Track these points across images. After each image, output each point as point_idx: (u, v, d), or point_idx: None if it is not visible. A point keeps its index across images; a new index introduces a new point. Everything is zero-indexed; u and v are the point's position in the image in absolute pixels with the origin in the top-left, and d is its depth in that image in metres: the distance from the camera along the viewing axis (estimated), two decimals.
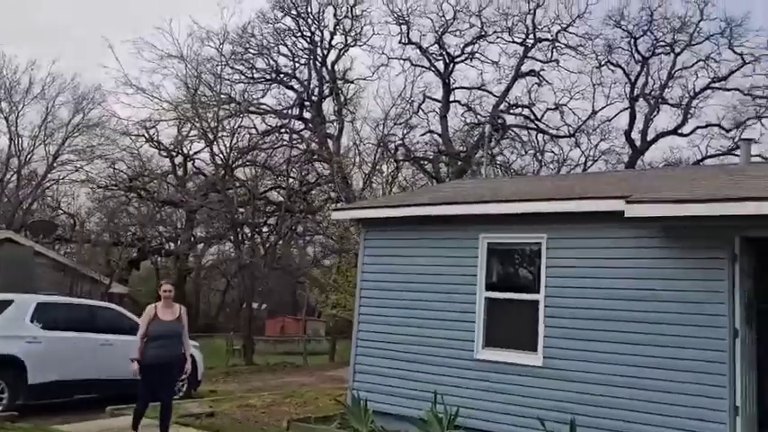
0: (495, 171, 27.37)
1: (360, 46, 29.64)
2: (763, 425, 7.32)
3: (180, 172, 32.36)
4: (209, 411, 9.66)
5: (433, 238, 8.63)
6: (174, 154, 31.49)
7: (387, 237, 9.10)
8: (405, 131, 27.95)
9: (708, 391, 6.46)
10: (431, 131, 29.13)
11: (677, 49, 26.67)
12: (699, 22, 26.33)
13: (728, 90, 26.52)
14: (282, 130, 29.20)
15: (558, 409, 7.10)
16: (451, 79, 28.76)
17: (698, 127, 27.37)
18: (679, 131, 27.36)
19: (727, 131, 26.32)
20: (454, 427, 7.50)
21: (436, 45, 28.71)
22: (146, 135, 29.42)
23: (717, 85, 26.64)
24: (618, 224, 7.07)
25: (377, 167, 25.41)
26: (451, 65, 28.63)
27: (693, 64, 26.83)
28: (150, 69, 30.09)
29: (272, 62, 29.83)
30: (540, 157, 28.82)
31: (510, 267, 8.49)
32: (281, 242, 28.87)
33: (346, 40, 29.32)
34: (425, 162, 28.68)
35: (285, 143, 28.37)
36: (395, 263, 8.90)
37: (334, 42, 29.59)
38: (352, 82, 29.39)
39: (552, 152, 29.51)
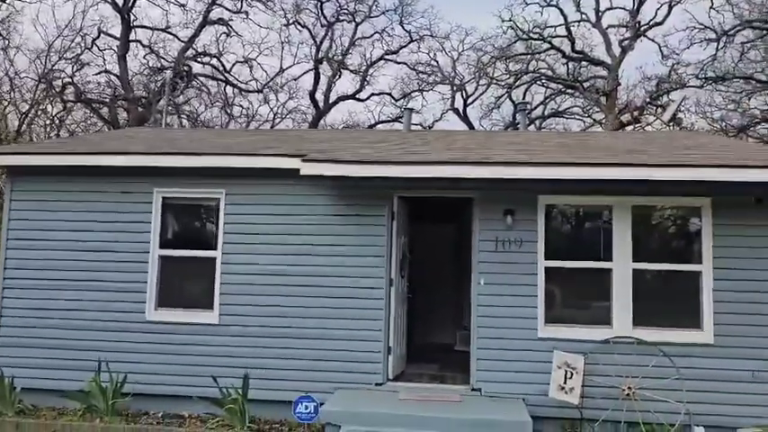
0: (181, 121, 26.17)
1: None
2: (410, 359, 8.62)
3: None
4: None
5: (100, 191, 7.84)
6: None
7: (41, 188, 7.94)
8: (75, 68, 24.88)
9: (369, 336, 7.34)
10: (107, 71, 26.37)
11: (358, 19, 29.15)
12: None
13: (398, 63, 30.12)
14: None
15: (234, 365, 7.28)
16: (132, 16, 26.19)
17: (373, 94, 30.50)
18: (357, 96, 30.04)
19: (396, 100, 29.96)
20: (121, 395, 7.14)
21: None
22: None
23: (389, 57, 29.94)
24: (295, 181, 7.40)
25: (39, 107, 22.02)
26: (132, 0, 26.05)
27: (371, 35, 29.68)
28: None
29: None
30: (228, 111, 28.47)
31: (187, 224, 8.23)
32: None
33: None
34: (100, 105, 25.80)
35: None
36: (54, 218, 7.86)
37: None
38: (3, 1, 24.48)
39: (241, 106, 29.46)
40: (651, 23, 27.16)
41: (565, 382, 6.74)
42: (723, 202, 7.03)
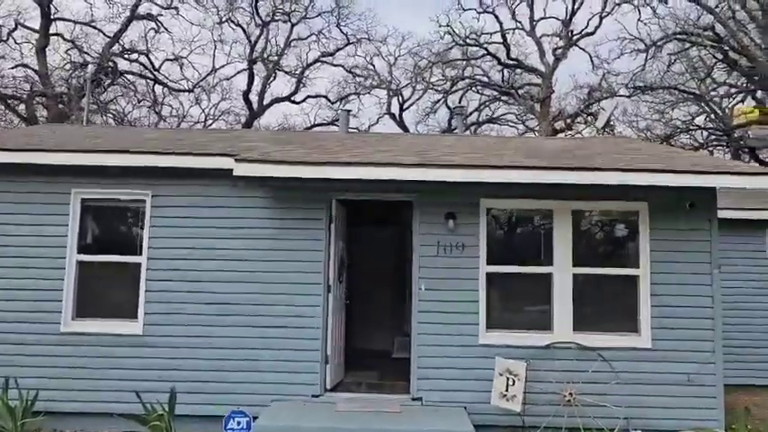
0: (107, 120, 25.07)
1: None
2: (348, 367, 8.41)
3: None
4: None
5: (12, 192, 7.25)
6: None
7: None
8: None
9: (306, 345, 7.09)
10: (24, 65, 24.94)
11: (294, 20, 28.86)
12: None
13: (335, 66, 29.99)
14: None
15: (160, 378, 6.89)
16: (52, 8, 24.76)
17: (308, 96, 30.32)
18: (292, 99, 29.75)
19: (332, 103, 29.86)
20: (32, 414, 6.59)
21: None
22: None
23: (326, 59, 29.77)
24: (230, 183, 7.08)
25: None
26: None
27: (307, 36, 29.53)
28: None
29: None
30: (157, 110, 27.49)
31: (109, 227, 7.70)
32: None
33: None
34: (17, 102, 24.33)
35: None
36: None
37: None
38: None
39: (170, 106, 28.52)
40: (583, 33, 28.16)
41: (507, 390, 6.70)
42: (659, 207, 7.19)
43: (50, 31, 24.63)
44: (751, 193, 10.77)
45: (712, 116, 26.72)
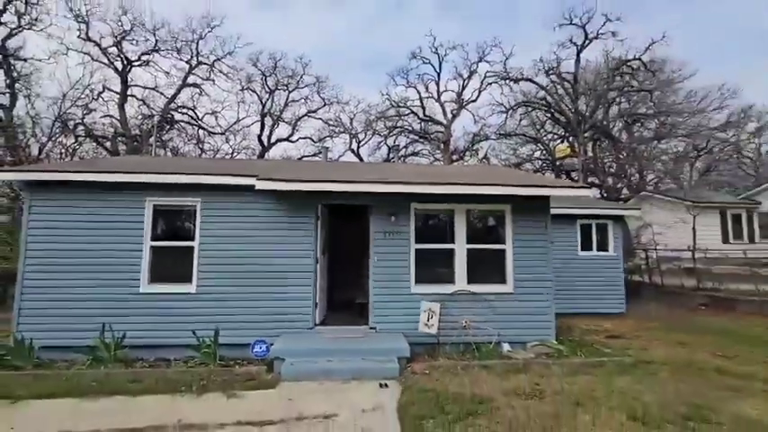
0: (166, 153, 23.92)
1: (35, 30, 21.25)
2: (329, 310, 8.35)
3: None
4: None
5: (105, 200, 6.89)
6: None
7: (56, 198, 6.83)
8: (84, 112, 21.78)
9: (303, 296, 7.00)
10: (110, 116, 23.40)
11: (290, 89, 28.45)
12: (302, 75, 28.73)
13: (317, 118, 29.76)
14: None
15: (207, 321, 6.66)
16: (129, 77, 23.50)
17: (300, 138, 29.89)
18: (289, 139, 29.14)
19: (315, 142, 29.56)
20: (122, 347, 6.30)
21: (115, 48, 23.02)
22: None
23: (311, 114, 29.50)
24: (252, 195, 6.94)
25: (54, 139, 19.12)
26: (129, 66, 23.34)
27: (299, 99, 29.11)
28: None
29: None
30: (201, 146, 26.40)
31: (172, 223, 7.36)
32: None
33: (20, 22, 20.59)
34: (104, 140, 22.94)
35: None
36: (66, 220, 6.79)
37: (4, 20, 20.38)
38: (25, 60, 20.68)
39: (209, 143, 27.36)
40: (469, 101, 28.91)
41: (428, 321, 6.83)
42: (517, 207, 7.47)
43: (128, 93, 23.27)
44: (571, 198, 11.34)
45: (544, 152, 27.88)
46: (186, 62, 24.85)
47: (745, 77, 41.97)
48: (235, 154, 27.41)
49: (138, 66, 23.55)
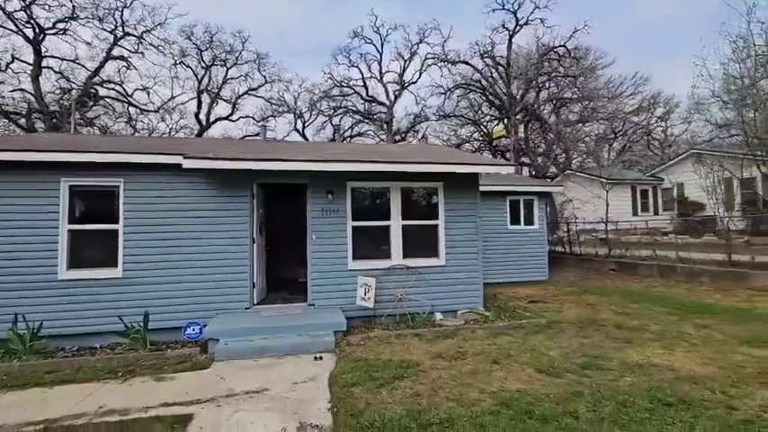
0: (94, 132, 21.77)
1: None
2: (269, 289, 8.24)
3: None
4: None
5: (14, 181, 6.18)
6: None
7: None
8: None
9: (239, 276, 6.80)
10: (22, 90, 20.71)
11: (229, 65, 26.78)
12: (241, 51, 27.09)
13: (258, 97, 28.48)
14: None
15: (136, 306, 6.31)
16: (43, 47, 20.71)
17: (240, 117, 28.54)
18: (229, 118, 27.68)
19: (257, 122, 28.30)
20: (39, 338, 5.81)
21: (23, 12, 20.07)
22: None
23: (251, 93, 28.09)
24: (182, 174, 6.57)
25: None
26: (42, 35, 20.53)
27: (238, 77, 27.52)
28: None
29: None
30: (133, 125, 24.25)
31: (93, 205, 6.78)
32: None
33: None
34: (18, 116, 20.36)
35: None
36: None
37: None
38: None
39: (143, 122, 25.19)
40: (410, 82, 29.04)
41: (365, 295, 6.95)
42: (449, 184, 7.70)
43: (42, 65, 20.56)
44: (502, 176, 11.86)
45: (483, 133, 28.84)
46: (110, 32, 22.47)
47: (654, 66, 45.83)
48: (173, 133, 25.63)
49: (54, 34, 20.87)
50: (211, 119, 26.64)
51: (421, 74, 28.61)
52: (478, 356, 4.98)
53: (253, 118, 28.49)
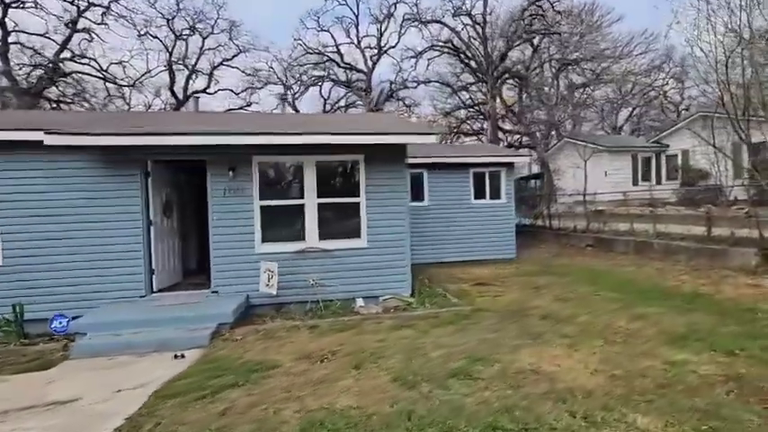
0: (70, 107, 21.28)
1: None
2: (187, 274, 7.71)
3: None
4: None
5: None
6: None
7: None
8: None
9: (132, 262, 6.22)
10: None
11: (204, 34, 25.77)
12: (216, 19, 26.00)
13: (233, 67, 27.47)
14: None
15: (13, 297, 5.82)
16: (9, 21, 19.96)
17: (219, 90, 27.75)
18: (207, 91, 26.84)
19: (237, 94, 27.72)
20: None
21: None
22: None
23: (227, 63, 27.12)
24: (53, 152, 5.88)
25: None
26: (5, 7, 19.73)
27: (215, 48, 26.50)
28: None
29: None
30: (110, 101, 23.49)
31: None
32: None
33: None
34: None
35: None
36: None
37: None
38: None
39: (113, 96, 24.21)
40: (388, 47, 27.77)
41: (269, 281, 6.31)
42: (371, 157, 6.84)
43: (9, 40, 19.87)
44: (470, 146, 10.75)
45: (473, 101, 27.24)
46: (72, 3, 21.23)
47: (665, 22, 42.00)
48: (153, 108, 25.07)
49: (17, 7, 19.96)
50: (189, 92, 25.83)
51: (400, 37, 27.01)
52: (349, 357, 4.27)
53: (232, 90, 27.65)
